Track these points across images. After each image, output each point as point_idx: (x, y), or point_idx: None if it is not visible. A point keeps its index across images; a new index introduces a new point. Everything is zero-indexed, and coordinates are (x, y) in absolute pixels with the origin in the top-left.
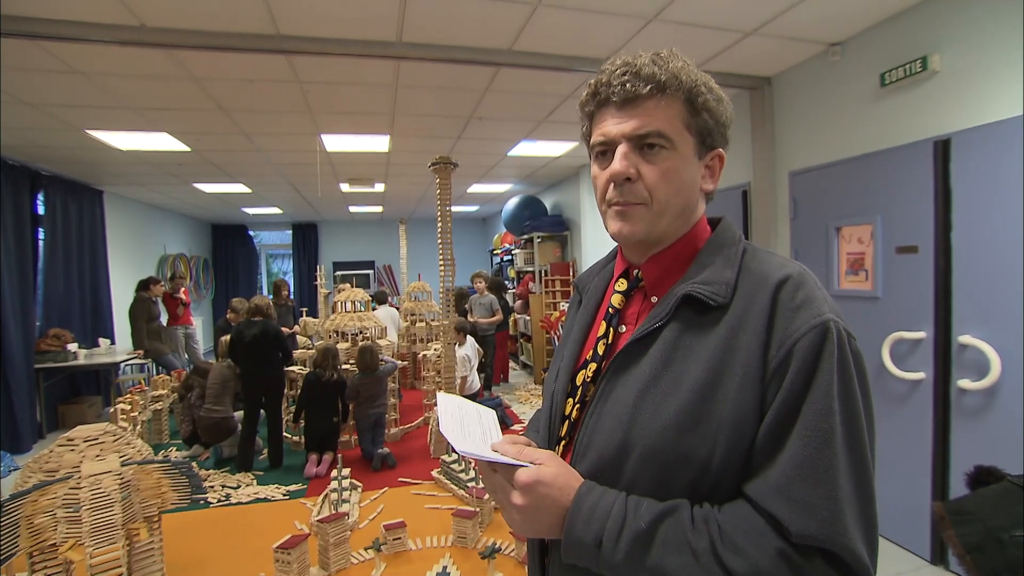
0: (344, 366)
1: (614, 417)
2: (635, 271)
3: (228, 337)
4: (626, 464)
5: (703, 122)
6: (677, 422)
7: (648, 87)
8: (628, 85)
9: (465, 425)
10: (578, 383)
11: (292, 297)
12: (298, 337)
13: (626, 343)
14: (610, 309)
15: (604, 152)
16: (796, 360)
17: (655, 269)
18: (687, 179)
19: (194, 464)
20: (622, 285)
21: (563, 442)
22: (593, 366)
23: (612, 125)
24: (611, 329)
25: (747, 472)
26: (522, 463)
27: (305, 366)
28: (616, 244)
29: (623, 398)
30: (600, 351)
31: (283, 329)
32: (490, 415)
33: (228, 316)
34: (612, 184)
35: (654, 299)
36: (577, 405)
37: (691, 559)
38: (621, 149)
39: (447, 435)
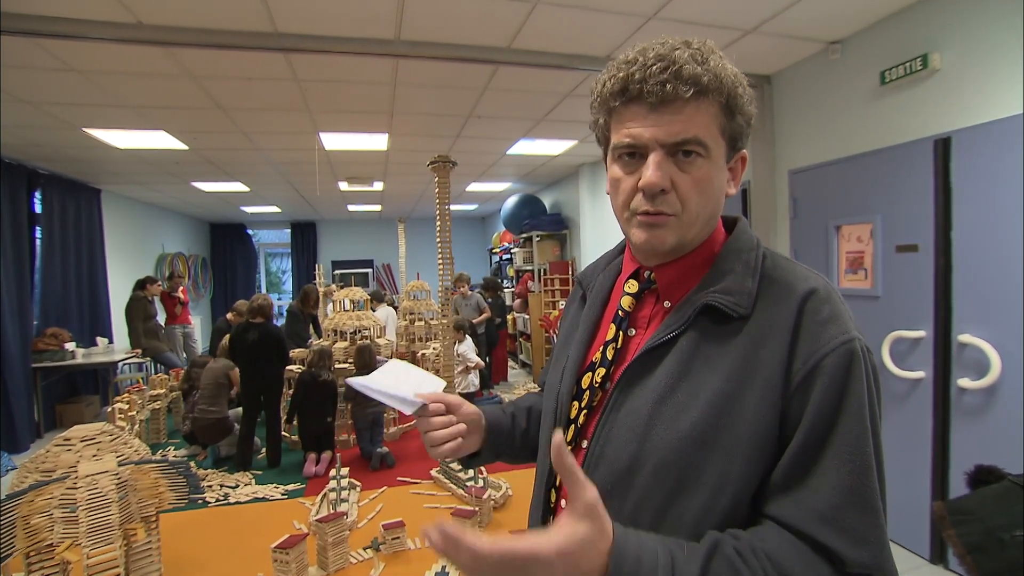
0: (342, 365)
1: (628, 428)
2: (646, 272)
3: (229, 336)
4: (638, 477)
5: (737, 126)
6: (694, 435)
7: (691, 91)
8: (668, 86)
9: (397, 380)
10: (584, 386)
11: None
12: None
13: (640, 351)
14: (619, 312)
15: (631, 155)
16: (823, 377)
17: (670, 273)
18: (717, 186)
19: (192, 464)
20: (632, 287)
21: (569, 448)
22: (602, 371)
23: (643, 128)
24: (620, 332)
25: (769, 492)
26: (417, 400)
27: (303, 365)
28: (623, 238)
29: (637, 408)
30: (609, 355)
31: (313, 343)
32: (437, 384)
33: (229, 316)
34: (641, 193)
35: (667, 304)
36: (584, 410)
37: None
38: (655, 157)
39: (362, 380)
